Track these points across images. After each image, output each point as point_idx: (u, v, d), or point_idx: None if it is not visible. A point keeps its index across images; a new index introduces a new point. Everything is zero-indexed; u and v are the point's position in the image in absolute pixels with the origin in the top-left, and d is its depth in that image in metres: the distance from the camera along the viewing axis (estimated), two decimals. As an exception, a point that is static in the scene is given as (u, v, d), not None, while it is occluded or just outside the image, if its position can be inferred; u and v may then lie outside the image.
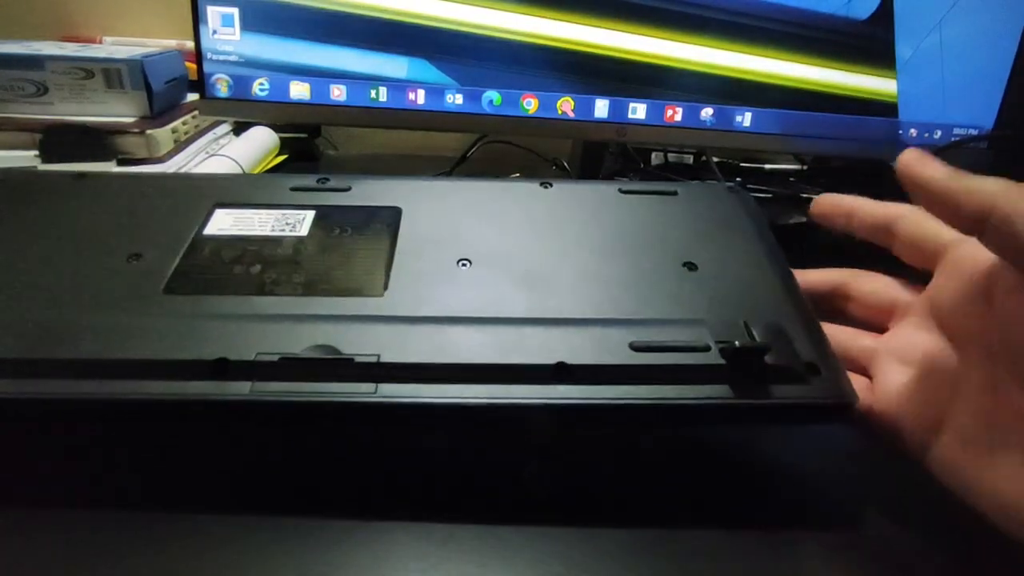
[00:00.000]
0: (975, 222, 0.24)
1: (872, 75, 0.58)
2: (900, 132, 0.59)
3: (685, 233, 0.34)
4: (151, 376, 0.25)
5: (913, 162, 0.26)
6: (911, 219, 0.30)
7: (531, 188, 0.37)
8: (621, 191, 0.37)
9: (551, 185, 0.37)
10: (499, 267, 0.31)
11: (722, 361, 0.27)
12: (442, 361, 0.26)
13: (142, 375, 0.25)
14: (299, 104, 0.57)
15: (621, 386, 0.26)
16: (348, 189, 0.36)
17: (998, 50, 0.57)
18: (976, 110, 0.59)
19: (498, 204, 0.35)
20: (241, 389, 0.25)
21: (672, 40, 0.57)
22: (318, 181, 0.36)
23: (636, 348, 0.27)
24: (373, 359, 0.26)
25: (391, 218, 0.34)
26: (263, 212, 0.34)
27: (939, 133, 0.60)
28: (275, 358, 0.26)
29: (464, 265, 0.31)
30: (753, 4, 0.56)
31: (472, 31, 0.56)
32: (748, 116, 0.59)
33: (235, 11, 0.54)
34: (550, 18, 0.56)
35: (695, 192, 0.37)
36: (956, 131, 0.60)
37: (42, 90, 0.60)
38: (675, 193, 0.37)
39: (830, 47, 0.57)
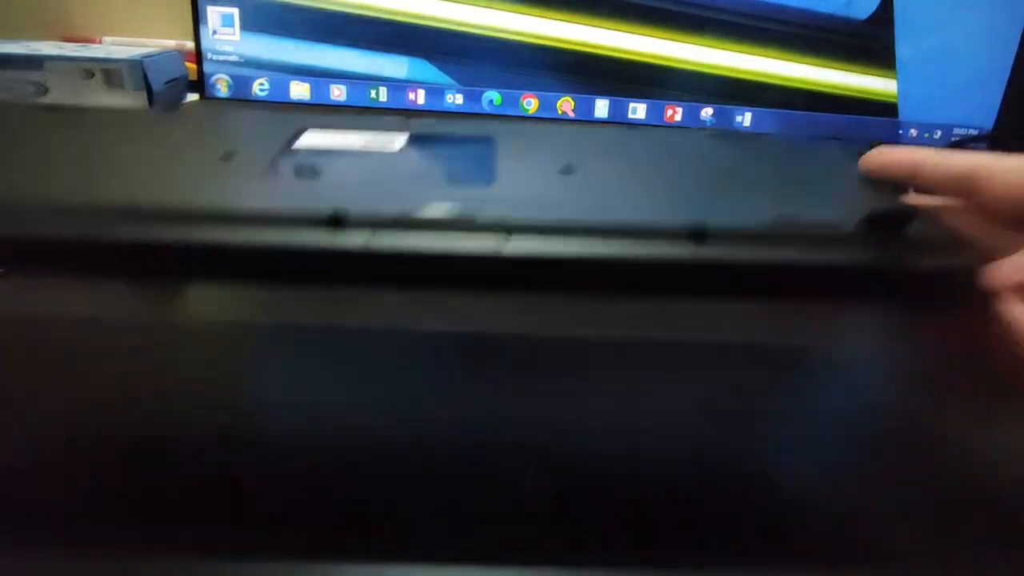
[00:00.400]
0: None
1: (872, 75, 0.58)
2: (900, 132, 0.59)
3: (789, 159, 0.34)
4: (262, 226, 0.24)
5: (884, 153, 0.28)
6: (1002, 168, 0.26)
7: (617, 129, 0.37)
8: (711, 135, 0.37)
9: (637, 128, 0.37)
10: (607, 174, 0.30)
11: (866, 228, 0.25)
12: (573, 220, 0.25)
13: (252, 224, 0.24)
14: (299, 104, 0.57)
15: (762, 248, 0.25)
16: (435, 122, 0.37)
17: (998, 50, 0.57)
18: (976, 110, 0.59)
19: (588, 137, 0.35)
20: (358, 239, 0.24)
21: (672, 40, 0.57)
22: (400, 119, 0.36)
23: (774, 219, 0.26)
24: (500, 217, 0.24)
25: (485, 142, 0.34)
26: (353, 132, 0.33)
27: (939, 133, 0.60)
28: (395, 212, 0.24)
29: (569, 173, 0.30)
30: (753, 4, 0.56)
31: (472, 31, 0.56)
32: (748, 116, 0.59)
33: (235, 11, 0.54)
34: (550, 18, 0.56)
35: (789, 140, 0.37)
36: (956, 131, 0.60)
37: (42, 90, 0.60)
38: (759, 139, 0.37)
39: (830, 47, 0.57)
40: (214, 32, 0.55)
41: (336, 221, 0.24)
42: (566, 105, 0.58)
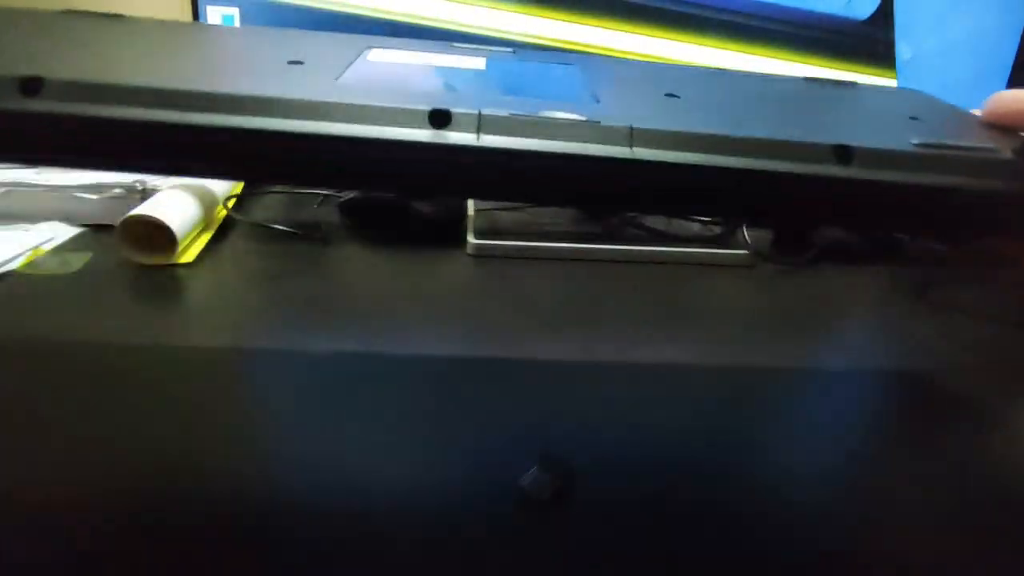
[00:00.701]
0: None
1: (872, 75, 0.58)
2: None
3: (891, 103, 0.32)
4: (394, 123, 0.22)
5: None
6: None
7: (703, 68, 0.34)
8: (806, 79, 0.35)
9: (720, 70, 0.34)
10: (714, 101, 0.28)
11: (1014, 156, 0.24)
12: (705, 132, 0.23)
13: (351, 119, 0.22)
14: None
15: (907, 171, 0.24)
16: (513, 51, 0.33)
17: (998, 50, 0.57)
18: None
19: (671, 71, 0.32)
20: (467, 139, 0.22)
21: (672, 40, 0.57)
22: (473, 47, 0.33)
23: (918, 144, 0.25)
24: (624, 125, 0.22)
25: (571, 67, 0.31)
26: (424, 52, 0.30)
27: (939, 133, 0.60)
28: (504, 113, 0.22)
29: (674, 97, 0.27)
30: (753, 4, 0.56)
31: (472, 31, 0.56)
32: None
33: (235, 11, 0.54)
34: (550, 18, 0.56)
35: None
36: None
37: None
38: (855, 84, 0.35)
39: (830, 47, 0.57)
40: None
41: (439, 118, 0.22)
42: (566, 105, 0.58)
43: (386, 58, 0.29)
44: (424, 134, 0.22)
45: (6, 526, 0.26)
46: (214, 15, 0.54)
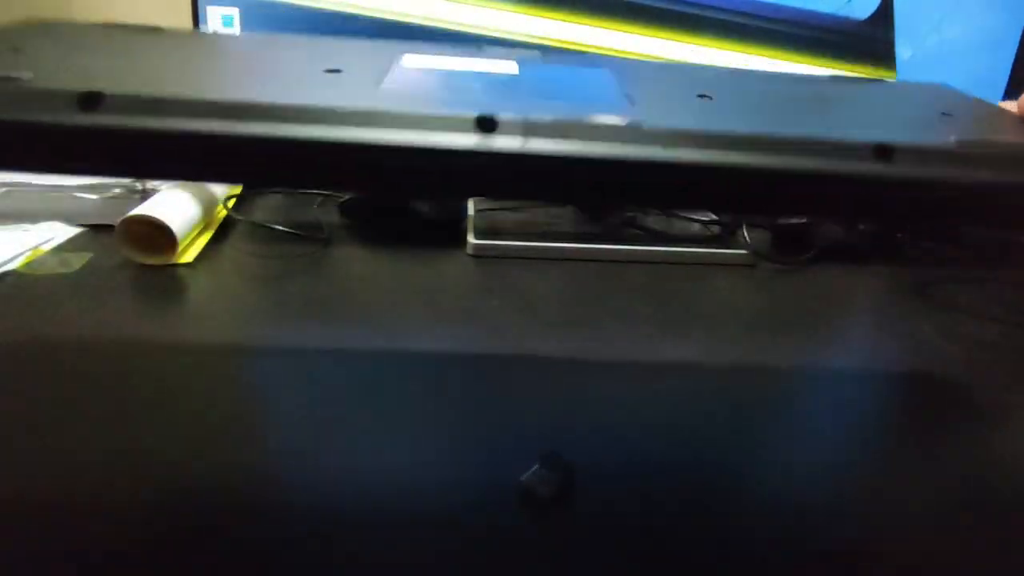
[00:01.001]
0: None
1: (872, 75, 0.58)
2: (900, 132, 0.60)
3: (922, 99, 0.32)
4: (442, 129, 0.22)
5: None
6: None
7: (728, 69, 0.35)
8: (832, 78, 0.35)
9: (741, 70, 0.35)
10: (750, 102, 0.28)
11: None
12: (746, 132, 0.23)
13: (401, 126, 0.22)
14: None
15: (948, 168, 0.23)
16: (540, 53, 0.34)
17: (998, 50, 0.57)
18: (976, 110, 0.59)
19: (702, 72, 0.32)
20: (512, 144, 0.22)
21: (672, 40, 0.57)
22: (503, 49, 0.34)
23: (958, 142, 0.24)
24: (663, 126, 0.23)
25: (602, 71, 0.31)
26: (457, 57, 0.31)
27: (939, 133, 0.60)
28: (548, 118, 0.22)
29: (707, 99, 0.28)
30: (753, 4, 0.56)
31: (472, 31, 0.56)
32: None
33: (235, 12, 0.54)
34: (550, 18, 0.56)
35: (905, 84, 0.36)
36: (956, 131, 0.60)
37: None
38: (882, 81, 0.35)
39: (830, 47, 0.57)
40: (214, 32, 0.55)
41: (486, 124, 0.22)
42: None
43: (421, 64, 0.29)
44: (472, 140, 0.22)
45: (5, 526, 0.26)
46: (214, 15, 0.54)
